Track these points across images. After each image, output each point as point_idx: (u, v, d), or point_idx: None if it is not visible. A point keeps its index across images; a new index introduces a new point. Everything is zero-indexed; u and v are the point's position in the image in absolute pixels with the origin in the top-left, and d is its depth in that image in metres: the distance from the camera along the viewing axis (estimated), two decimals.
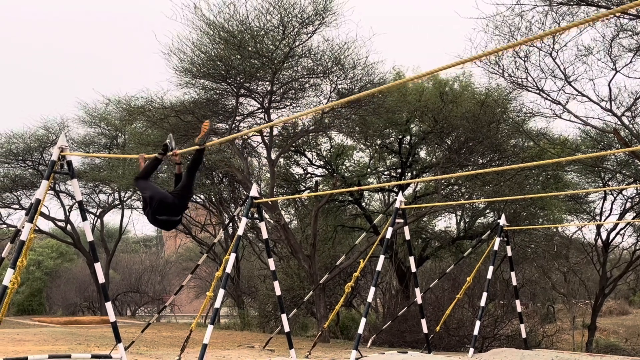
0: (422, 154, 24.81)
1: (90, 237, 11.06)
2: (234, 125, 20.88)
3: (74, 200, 32.24)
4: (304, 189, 25.44)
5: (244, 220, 13.28)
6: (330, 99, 20.29)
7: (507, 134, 22.43)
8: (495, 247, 15.82)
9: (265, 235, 13.96)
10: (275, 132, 21.91)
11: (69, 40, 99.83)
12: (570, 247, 27.44)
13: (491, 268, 15.93)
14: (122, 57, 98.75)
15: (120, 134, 30.64)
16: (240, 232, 13.17)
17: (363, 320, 13.90)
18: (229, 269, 12.70)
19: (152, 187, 8.66)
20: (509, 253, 16.71)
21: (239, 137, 22.36)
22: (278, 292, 13.88)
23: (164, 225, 8.69)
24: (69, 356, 11.52)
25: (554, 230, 26.12)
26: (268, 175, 23.51)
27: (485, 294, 15.83)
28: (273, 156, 21.33)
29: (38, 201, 10.27)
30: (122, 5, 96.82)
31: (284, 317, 13.95)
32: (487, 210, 24.92)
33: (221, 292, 12.47)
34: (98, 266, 10.95)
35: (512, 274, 16.95)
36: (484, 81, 30.33)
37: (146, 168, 8.88)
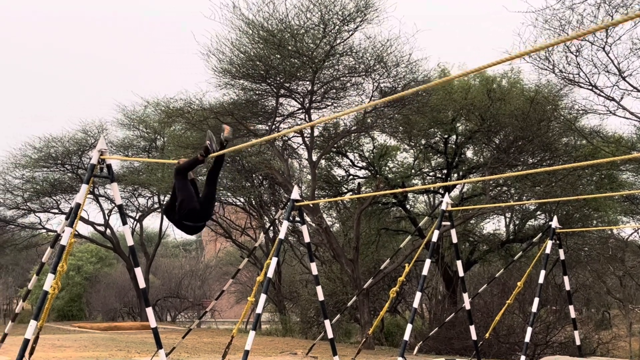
0: (469, 153, 24.61)
1: (130, 242, 11.17)
2: (274, 126, 20.99)
3: (113, 204, 32.77)
4: (346, 191, 25.44)
5: (286, 223, 13.30)
6: (372, 98, 20.26)
7: (559, 132, 22.12)
8: (547, 251, 15.57)
9: (307, 239, 13.96)
10: (316, 132, 21.95)
11: (105, 44, 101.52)
12: (626, 250, 26.91)
13: (543, 272, 15.68)
14: (157, 59, 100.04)
15: (159, 137, 31.06)
16: (281, 235, 13.19)
17: (409, 327, 13.81)
18: (270, 274, 12.74)
19: (188, 191, 8.77)
20: (562, 256, 16.44)
21: (279, 137, 22.47)
22: (321, 297, 13.87)
23: (187, 230, 8.97)
24: None
25: (609, 232, 25.67)
26: (309, 177, 23.57)
27: (537, 300, 15.58)
28: (314, 157, 21.37)
29: (78, 205, 10.42)
30: (165, 7, 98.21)
31: (327, 323, 13.93)
32: (538, 212, 24.61)
33: (263, 297, 12.50)
34: (138, 271, 11.05)
35: (565, 278, 16.67)
36: (534, 77, 29.92)
37: (187, 163, 8.98)
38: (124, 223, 11.22)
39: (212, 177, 9.00)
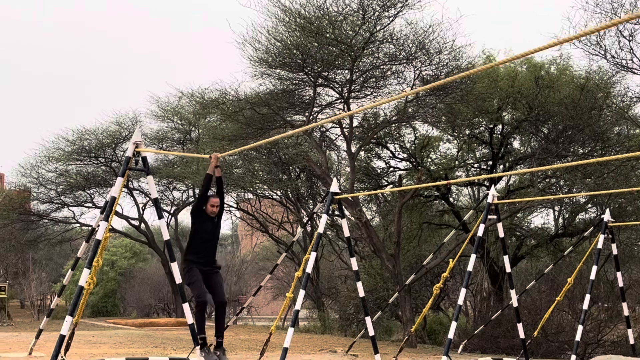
0: (516, 144, 24.39)
1: (166, 236, 11.31)
2: (311, 117, 21.03)
3: (147, 198, 33.15)
4: (386, 183, 25.38)
5: (325, 217, 13.33)
6: (414, 87, 20.17)
7: (611, 121, 21.80)
8: (599, 245, 15.38)
9: (347, 233, 13.98)
10: (355, 123, 21.93)
11: (139, 34, 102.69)
12: None
13: (594, 268, 15.50)
14: (190, 49, 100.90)
15: (193, 128, 31.31)
16: (320, 229, 13.23)
17: (453, 324, 13.75)
18: (309, 269, 12.80)
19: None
20: (615, 251, 16.22)
21: (317, 129, 22.51)
22: (361, 293, 13.89)
23: None
24: (146, 359, 11.85)
25: None
26: (348, 169, 23.58)
27: (588, 296, 15.41)
28: (353, 149, 21.35)
29: (113, 199, 10.57)
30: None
31: (368, 320, 13.95)
32: (589, 205, 24.29)
33: (301, 293, 12.56)
34: (175, 265, 11.18)
35: (618, 274, 16.45)
36: (584, 63, 29.58)
37: (200, 197, 10.14)
38: (160, 217, 11.34)
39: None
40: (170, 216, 35.31)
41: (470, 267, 13.98)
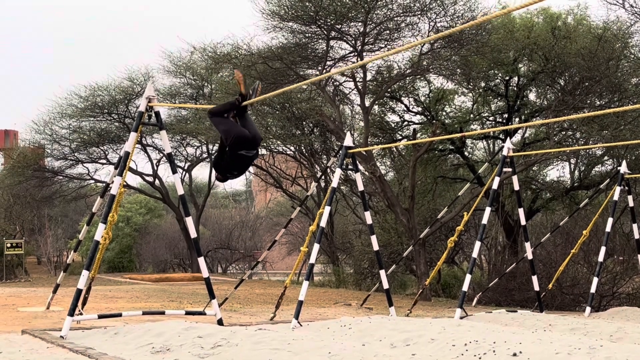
0: (532, 96, 24.20)
1: (180, 191, 11.39)
2: (324, 70, 20.90)
3: (161, 154, 33.25)
4: (400, 137, 25.31)
5: (338, 171, 13.38)
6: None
7: (629, 72, 21.56)
8: (615, 197, 15.38)
9: (361, 187, 14.03)
10: (369, 77, 21.79)
11: None
12: None
13: (610, 220, 15.52)
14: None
15: (206, 84, 31.21)
16: (334, 183, 13.30)
17: (468, 277, 13.86)
18: (323, 223, 12.88)
19: (229, 121, 9.04)
20: (631, 203, 16.20)
21: (330, 83, 22.38)
22: (376, 246, 13.98)
23: (242, 162, 9.02)
24: (163, 312, 11.99)
25: None
26: (362, 123, 23.49)
27: (603, 249, 15.47)
28: (367, 103, 21.25)
29: (127, 154, 10.64)
30: None
31: (382, 273, 14.07)
32: (606, 157, 24.18)
33: (316, 247, 12.67)
34: (189, 220, 11.29)
35: (634, 226, 16.44)
36: (602, 13, 29.14)
37: (221, 107, 9.31)
38: (174, 172, 11.41)
39: (242, 116, 9.24)
40: (184, 172, 35.44)
41: (484, 220, 14.03)
